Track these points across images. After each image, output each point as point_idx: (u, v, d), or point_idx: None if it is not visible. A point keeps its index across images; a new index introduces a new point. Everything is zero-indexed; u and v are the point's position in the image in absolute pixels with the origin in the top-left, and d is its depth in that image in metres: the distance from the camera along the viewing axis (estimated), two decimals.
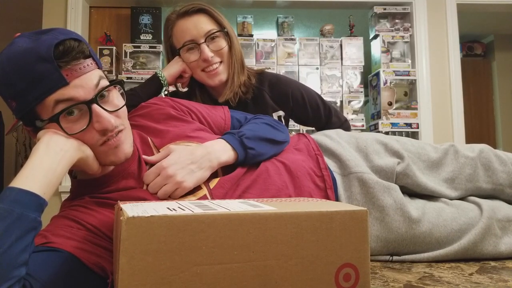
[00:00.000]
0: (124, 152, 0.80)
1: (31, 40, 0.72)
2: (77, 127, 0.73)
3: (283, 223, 0.56)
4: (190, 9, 1.20)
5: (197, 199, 0.85)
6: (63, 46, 0.71)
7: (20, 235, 0.60)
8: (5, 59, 0.71)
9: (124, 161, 0.81)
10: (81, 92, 0.72)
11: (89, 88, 0.73)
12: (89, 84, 0.73)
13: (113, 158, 0.79)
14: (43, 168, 0.67)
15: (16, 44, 0.72)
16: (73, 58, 0.72)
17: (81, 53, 0.73)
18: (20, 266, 0.60)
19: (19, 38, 0.73)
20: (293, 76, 2.74)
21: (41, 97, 0.71)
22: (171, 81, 1.23)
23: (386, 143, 1.07)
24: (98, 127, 0.74)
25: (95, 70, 0.76)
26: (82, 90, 0.72)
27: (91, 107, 0.73)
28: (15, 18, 3.62)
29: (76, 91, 0.72)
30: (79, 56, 0.73)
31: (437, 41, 2.78)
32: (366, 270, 0.59)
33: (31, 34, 0.74)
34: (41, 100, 0.71)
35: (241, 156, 0.92)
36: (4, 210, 0.61)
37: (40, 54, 0.69)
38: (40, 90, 0.70)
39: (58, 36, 0.72)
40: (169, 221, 0.52)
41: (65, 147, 0.72)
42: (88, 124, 0.73)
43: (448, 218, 0.96)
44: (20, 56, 0.70)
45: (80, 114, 0.74)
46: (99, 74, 0.76)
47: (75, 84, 0.72)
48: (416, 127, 2.69)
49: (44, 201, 0.65)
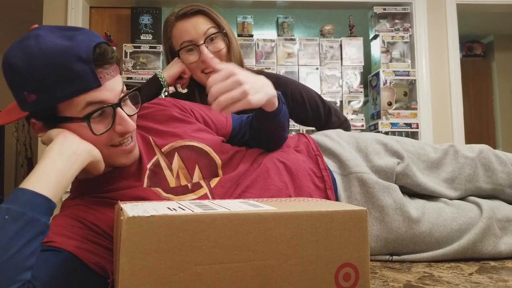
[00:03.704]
0: (134, 156, 0.85)
1: (64, 38, 0.72)
2: (100, 128, 0.76)
3: (283, 223, 0.56)
4: (189, 10, 1.20)
5: (198, 197, 0.86)
6: (99, 48, 0.73)
7: (30, 239, 0.61)
8: (35, 52, 0.70)
9: (132, 162, 0.86)
10: (111, 96, 0.76)
11: (117, 92, 0.77)
12: (116, 88, 0.77)
13: (124, 161, 0.84)
14: (56, 171, 0.68)
15: (46, 38, 0.71)
16: (107, 62, 0.75)
17: (112, 58, 0.76)
18: (26, 270, 0.60)
19: (44, 32, 0.72)
20: (293, 76, 2.74)
21: (71, 95, 0.72)
22: (170, 82, 1.23)
23: (386, 143, 1.08)
24: (120, 129, 0.78)
25: (119, 75, 0.80)
26: (112, 93, 0.76)
27: (116, 110, 0.76)
28: (15, 18, 3.62)
29: (107, 94, 0.75)
30: (111, 60, 0.76)
31: (437, 41, 2.78)
32: (366, 270, 0.59)
33: (56, 30, 0.74)
34: (69, 98, 0.72)
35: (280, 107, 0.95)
36: (17, 212, 0.61)
37: (79, 54, 0.70)
38: (72, 88, 0.71)
39: (93, 38, 0.74)
40: (169, 221, 0.52)
41: (78, 150, 0.73)
42: (111, 125, 0.77)
43: (447, 218, 0.96)
44: (57, 53, 0.70)
45: (102, 116, 0.77)
46: (122, 79, 0.80)
47: (106, 87, 0.75)
48: (416, 127, 2.69)
49: (54, 205, 0.66)
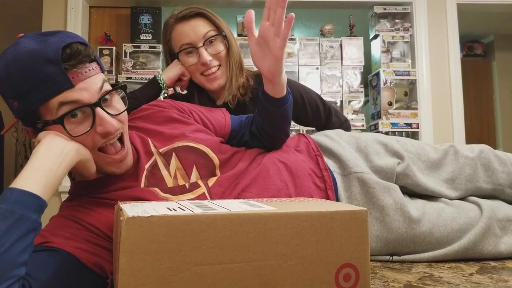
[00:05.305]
0: (127, 164, 0.84)
1: (38, 42, 0.72)
2: (79, 129, 0.74)
3: (283, 223, 0.56)
4: (188, 13, 1.20)
5: (195, 197, 0.85)
6: (70, 49, 0.72)
7: (20, 236, 0.61)
8: (10, 59, 0.71)
9: (124, 171, 0.84)
10: (86, 95, 0.73)
11: (94, 92, 0.74)
12: (93, 88, 0.74)
13: (115, 170, 0.82)
14: (44, 169, 0.68)
15: (22, 44, 0.72)
16: (79, 62, 0.73)
17: (87, 56, 0.74)
18: (20, 266, 0.60)
19: (23, 39, 0.73)
20: (293, 76, 2.74)
21: (45, 98, 0.71)
22: (170, 84, 1.23)
23: (386, 144, 1.07)
24: (100, 130, 0.75)
25: (99, 74, 0.77)
26: (87, 93, 0.73)
27: (95, 110, 0.74)
28: (15, 18, 3.62)
29: (81, 94, 0.73)
30: (85, 59, 0.74)
31: (437, 41, 2.78)
32: (366, 270, 0.59)
33: (36, 35, 0.74)
34: (45, 102, 0.71)
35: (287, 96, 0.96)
36: (6, 210, 0.61)
37: (47, 56, 0.70)
38: (45, 91, 0.71)
39: (65, 39, 0.73)
40: (169, 221, 0.52)
41: (66, 149, 0.72)
42: (91, 127, 0.75)
43: (448, 218, 0.96)
44: (27, 57, 0.70)
45: (83, 117, 0.75)
46: (103, 78, 0.78)
47: (80, 87, 0.73)
48: (416, 127, 2.68)
49: (44, 203, 0.66)
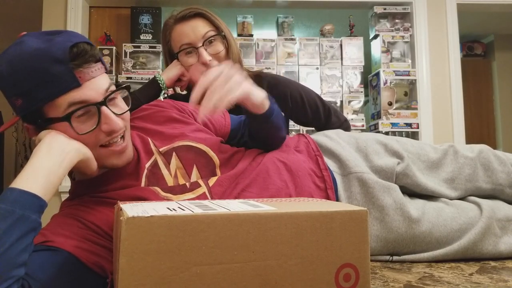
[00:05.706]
0: (127, 157, 0.84)
1: (43, 41, 0.72)
2: (85, 127, 0.75)
3: (283, 223, 0.56)
4: (187, 13, 1.20)
5: (196, 196, 0.86)
6: (77, 48, 0.73)
7: (20, 236, 0.61)
8: (14, 57, 0.71)
9: (125, 164, 0.84)
10: (93, 94, 0.75)
11: (100, 91, 0.76)
12: (99, 87, 0.76)
13: (116, 162, 0.82)
14: (44, 169, 0.68)
15: (27, 43, 0.72)
16: (86, 61, 0.74)
17: (93, 56, 0.75)
18: (19, 266, 0.60)
19: (28, 38, 0.74)
20: (293, 76, 2.74)
21: (52, 96, 0.72)
22: (169, 84, 1.24)
23: (386, 143, 1.08)
24: (106, 128, 0.77)
25: (104, 74, 0.79)
26: (94, 92, 0.75)
27: (101, 109, 0.75)
28: (15, 18, 3.62)
29: (88, 93, 0.74)
30: (91, 59, 0.75)
31: (437, 41, 2.78)
32: (366, 270, 0.59)
33: (40, 35, 0.75)
34: (51, 100, 0.72)
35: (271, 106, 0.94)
36: (6, 210, 0.61)
37: (54, 55, 0.70)
38: (51, 90, 0.71)
39: (71, 38, 0.73)
40: (169, 221, 0.52)
41: (67, 149, 0.72)
42: (97, 125, 0.76)
43: (448, 218, 0.96)
44: (33, 56, 0.70)
45: (88, 116, 0.76)
46: (108, 78, 0.79)
47: (87, 86, 0.74)
48: (416, 127, 2.68)
49: (44, 203, 0.66)
